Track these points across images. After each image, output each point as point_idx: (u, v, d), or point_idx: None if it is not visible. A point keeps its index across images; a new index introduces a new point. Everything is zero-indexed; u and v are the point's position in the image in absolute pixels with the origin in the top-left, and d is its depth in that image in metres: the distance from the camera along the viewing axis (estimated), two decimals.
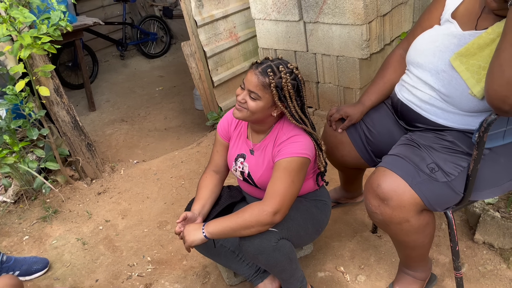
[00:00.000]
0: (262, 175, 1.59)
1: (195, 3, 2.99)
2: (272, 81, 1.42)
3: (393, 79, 1.72)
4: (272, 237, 1.47)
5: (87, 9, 5.39)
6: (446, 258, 1.90)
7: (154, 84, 4.81)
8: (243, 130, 1.68)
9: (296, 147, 1.48)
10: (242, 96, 1.48)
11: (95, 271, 2.12)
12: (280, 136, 1.54)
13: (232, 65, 3.41)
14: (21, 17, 2.15)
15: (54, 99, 2.59)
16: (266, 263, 1.51)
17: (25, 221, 2.52)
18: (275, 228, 1.49)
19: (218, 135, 1.76)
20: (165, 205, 2.56)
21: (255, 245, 1.47)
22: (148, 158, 3.20)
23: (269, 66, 1.44)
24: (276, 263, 1.51)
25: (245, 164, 1.64)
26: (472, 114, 1.42)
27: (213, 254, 1.75)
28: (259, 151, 1.61)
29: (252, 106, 1.46)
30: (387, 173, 1.40)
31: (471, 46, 1.36)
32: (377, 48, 2.73)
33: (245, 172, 1.65)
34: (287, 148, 1.49)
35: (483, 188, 1.45)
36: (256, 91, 1.44)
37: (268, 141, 1.58)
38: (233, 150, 1.70)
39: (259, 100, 1.46)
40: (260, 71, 1.44)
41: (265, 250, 1.47)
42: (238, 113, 1.51)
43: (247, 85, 1.46)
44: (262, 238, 1.46)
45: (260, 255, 1.48)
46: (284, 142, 1.51)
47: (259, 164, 1.60)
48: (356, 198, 2.26)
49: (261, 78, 1.43)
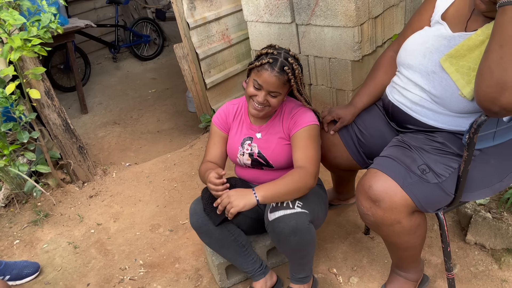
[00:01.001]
0: (274, 150, 1.66)
1: (188, 5, 2.99)
2: (291, 77, 1.53)
3: (384, 81, 1.73)
4: (305, 218, 1.52)
5: (79, 11, 5.36)
6: (438, 259, 1.90)
7: (147, 86, 4.79)
8: (244, 117, 1.74)
9: (309, 117, 1.62)
10: (262, 97, 1.54)
11: (86, 275, 2.10)
12: (287, 110, 1.66)
13: (225, 67, 3.41)
14: (11, 20, 2.13)
15: (45, 102, 2.57)
16: (296, 244, 1.53)
17: (15, 225, 2.50)
18: (307, 210, 1.53)
19: (215, 127, 1.77)
20: (158, 208, 2.54)
21: (291, 225, 1.49)
22: (140, 160, 3.19)
23: (282, 63, 1.52)
24: (306, 245, 1.55)
25: (253, 144, 1.69)
26: (462, 116, 1.43)
27: (222, 246, 1.71)
28: (267, 130, 1.69)
29: (274, 102, 1.56)
30: (378, 174, 1.40)
31: (460, 48, 1.37)
32: (369, 50, 2.74)
33: (255, 152, 1.68)
34: (303, 118, 1.61)
35: (474, 189, 1.45)
36: (278, 90, 1.54)
37: (275, 119, 1.68)
38: (237, 137, 1.73)
39: (279, 95, 1.56)
40: (278, 71, 1.51)
41: (300, 231, 1.50)
42: (259, 113, 1.58)
43: (267, 87, 1.52)
44: (297, 220, 1.49)
45: (293, 236, 1.50)
46: (296, 114, 1.63)
47: (269, 141, 1.67)
48: (348, 199, 2.26)
49: (281, 78, 1.52)
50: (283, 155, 1.67)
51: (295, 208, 1.51)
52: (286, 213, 1.50)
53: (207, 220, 1.64)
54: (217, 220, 1.62)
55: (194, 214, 1.67)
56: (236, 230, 1.72)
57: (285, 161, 1.68)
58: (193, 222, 1.67)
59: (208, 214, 1.63)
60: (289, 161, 1.67)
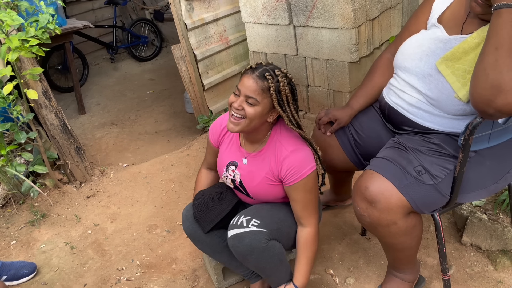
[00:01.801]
0: (256, 186, 1.58)
1: (185, 6, 3.00)
2: (271, 85, 1.39)
3: (381, 83, 1.74)
4: (262, 237, 1.47)
5: (77, 12, 5.36)
6: (434, 260, 1.91)
7: (145, 87, 4.79)
8: (235, 137, 1.65)
9: (305, 164, 1.48)
10: (238, 103, 1.42)
11: (83, 276, 2.10)
12: (280, 150, 1.50)
13: (222, 68, 3.42)
14: (9, 20, 2.13)
15: (42, 102, 2.57)
16: (255, 263, 1.52)
17: (12, 225, 2.50)
18: (265, 228, 1.49)
19: (209, 140, 1.75)
20: (155, 209, 2.55)
21: (245, 245, 1.47)
22: (138, 161, 3.19)
23: (266, 70, 1.41)
24: (266, 264, 1.52)
25: (237, 172, 1.62)
26: (458, 117, 1.44)
27: (215, 252, 1.72)
28: (254, 161, 1.57)
29: (250, 112, 1.41)
30: (374, 176, 1.41)
31: (456, 51, 1.38)
32: (366, 52, 2.75)
33: (237, 180, 1.63)
34: (297, 168, 1.47)
35: (470, 191, 1.46)
36: (255, 96, 1.39)
37: (265, 153, 1.54)
38: (224, 156, 1.67)
39: (257, 106, 1.40)
40: (257, 75, 1.39)
41: (255, 250, 1.47)
42: (234, 127, 1.44)
43: (244, 91, 1.40)
44: (252, 238, 1.46)
45: (250, 256, 1.48)
46: (288, 158, 1.48)
47: (253, 175, 1.57)
48: (345, 201, 2.27)
49: (260, 82, 1.39)
50: (266, 193, 1.58)
51: (250, 227, 1.48)
52: (240, 232, 1.48)
53: (197, 227, 1.65)
54: (206, 228, 1.63)
55: (186, 221, 1.68)
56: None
57: (266, 198, 1.62)
58: (185, 229, 1.69)
59: (198, 221, 1.64)
60: (270, 198, 1.61)
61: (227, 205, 1.68)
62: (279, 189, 1.57)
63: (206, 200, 1.67)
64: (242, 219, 1.51)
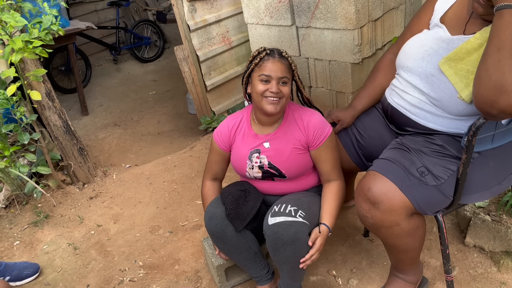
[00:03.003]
0: (287, 159, 1.62)
1: (188, 7, 3.00)
2: (291, 61, 1.57)
3: (384, 83, 1.73)
4: (305, 229, 1.49)
5: (81, 13, 5.39)
6: (437, 262, 1.90)
7: (148, 88, 4.80)
8: (247, 129, 1.68)
9: (325, 125, 1.62)
10: (275, 87, 1.52)
11: (86, 276, 2.11)
12: (300, 118, 1.63)
13: (225, 69, 3.42)
14: (12, 21, 2.14)
15: (45, 104, 2.58)
16: (292, 253, 1.50)
17: (16, 226, 2.51)
18: (308, 221, 1.51)
19: (215, 144, 1.74)
20: (158, 210, 2.55)
21: (291, 233, 1.47)
22: (140, 162, 3.19)
23: (279, 50, 1.56)
24: (300, 256, 1.51)
25: (262, 156, 1.64)
26: (461, 118, 1.43)
27: (235, 252, 1.69)
28: (277, 140, 1.64)
29: (287, 91, 1.55)
30: (377, 177, 1.40)
31: (459, 51, 1.37)
32: (369, 52, 2.75)
33: (265, 164, 1.64)
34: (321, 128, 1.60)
35: (473, 192, 1.46)
36: (286, 74, 1.54)
37: (286, 127, 1.64)
38: (243, 151, 1.67)
39: (288, 83, 1.56)
40: (279, 57, 1.54)
41: (298, 240, 1.48)
42: (276, 106, 1.54)
43: (275, 74, 1.52)
44: (298, 229, 1.48)
45: (290, 246, 1.48)
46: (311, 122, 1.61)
47: (281, 151, 1.63)
48: (348, 202, 2.26)
49: (285, 62, 1.55)
50: (297, 164, 1.63)
51: (297, 217, 1.49)
52: (287, 220, 1.48)
53: (226, 225, 1.61)
54: (240, 226, 1.61)
55: (214, 218, 1.62)
56: (251, 238, 1.69)
57: (300, 171, 1.65)
58: (211, 227, 1.62)
59: (232, 220, 1.61)
60: (303, 170, 1.65)
61: (255, 203, 1.66)
62: (307, 158, 1.65)
63: (236, 198, 1.65)
64: (290, 208, 1.52)
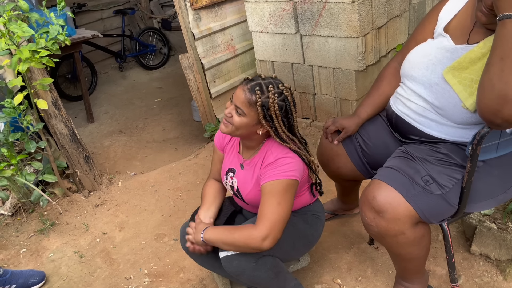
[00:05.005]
0: (250, 192, 1.58)
1: (193, 16, 3.03)
2: (258, 100, 1.40)
3: (388, 92, 1.74)
4: (251, 257, 1.46)
5: (86, 21, 5.44)
6: (443, 270, 1.89)
7: (153, 95, 4.83)
8: (235, 143, 1.68)
9: (282, 170, 1.45)
10: (229, 110, 1.47)
11: (92, 284, 2.11)
12: (268, 156, 1.50)
13: (229, 77, 3.44)
14: (19, 32, 2.17)
15: (52, 112, 2.60)
16: (248, 282, 1.51)
17: (22, 234, 2.52)
18: None
19: (215, 146, 1.77)
20: (163, 217, 2.56)
21: (234, 266, 1.46)
22: (146, 169, 3.21)
23: (258, 84, 1.42)
24: (260, 281, 1.50)
25: (234, 179, 1.63)
26: (465, 127, 1.43)
27: (215, 267, 1.71)
28: (248, 167, 1.58)
29: (236, 121, 1.45)
30: (382, 185, 1.40)
31: (463, 60, 1.38)
32: (373, 60, 2.75)
33: (234, 187, 1.64)
34: (272, 171, 1.45)
35: (478, 200, 1.46)
36: (242, 107, 1.42)
37: (257, 160, 1.55)
38: (225, 163, 1.69)
39: (243, 117, 1.44)
40: (248, 88, 1.42)
41: (245, 271, 1.46)
42: (224, 128, 1.50)
43: (235, 100, 1.45)
44: (240, 260, 1.45)
45: (241, 276, 1.48)
46: (271, 164, 1.47)
47: (247, 181, 1.58)
48: (353, 209, 2.26)
49: (248, 95, 1.41)
50: (258, 200, 1.53)
51: None
52: (229, 254, 1.48)
53: None
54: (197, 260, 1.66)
55: (183, 239, 1.67)
56: None
57: None
58: (183, 245, 1.68)
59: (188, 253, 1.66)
60: None
61: (222, 218, 1.67)
62: None
63: None
64: None
